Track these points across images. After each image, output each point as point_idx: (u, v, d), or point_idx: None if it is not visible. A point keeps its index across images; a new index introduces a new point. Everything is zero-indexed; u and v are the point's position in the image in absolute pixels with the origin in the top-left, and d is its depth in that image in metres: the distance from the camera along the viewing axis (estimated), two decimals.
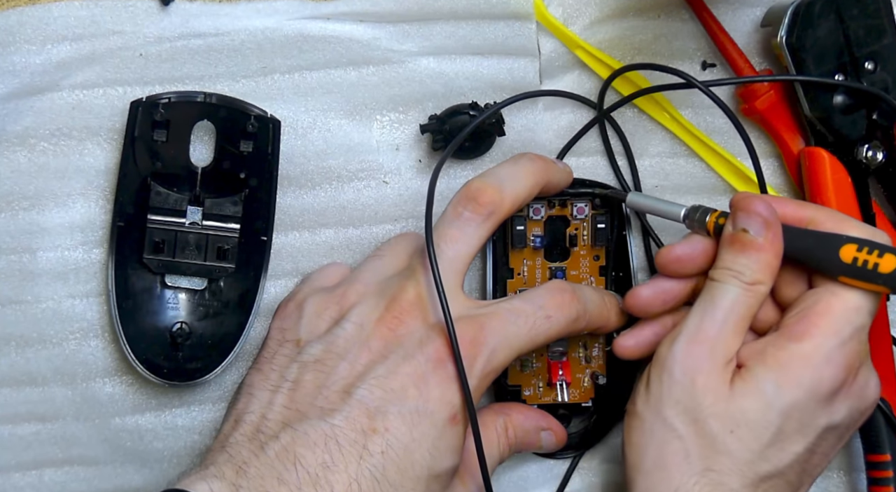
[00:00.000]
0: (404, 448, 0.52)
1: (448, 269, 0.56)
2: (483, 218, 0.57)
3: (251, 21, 0.64)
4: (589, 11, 0.67)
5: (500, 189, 0.57)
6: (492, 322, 0.55)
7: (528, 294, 0.58)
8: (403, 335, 0.55)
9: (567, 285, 0.59)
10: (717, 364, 0.54)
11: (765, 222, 0.55)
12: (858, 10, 0.63)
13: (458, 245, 0.57)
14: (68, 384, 0.64)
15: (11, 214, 0.64)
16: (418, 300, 0.56)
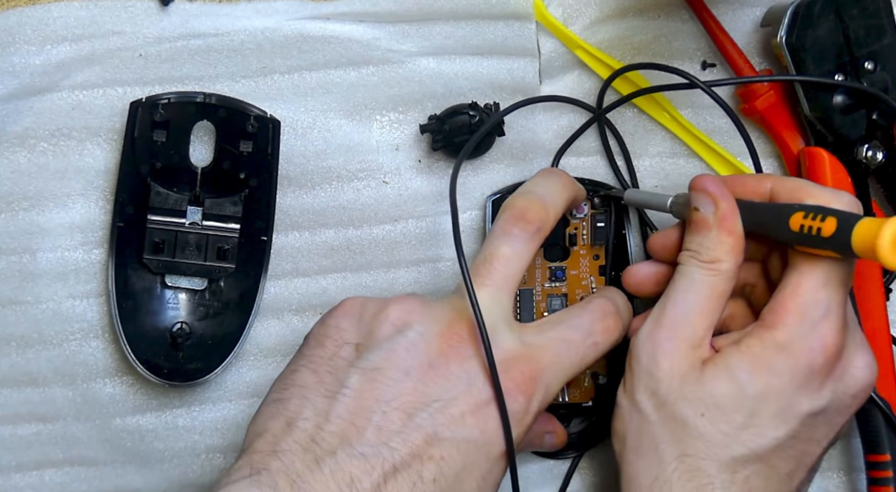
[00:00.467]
0: (455, 477, 0.51)
1: (502, 288, 0.55)
2: (532, 234, 0.57)
3: (251, 21, 0.64)
4: (589, 11, 0.67)
5: (545, 205, 0.57)
6: (546, 357, 0.55)
7: (575, 319, 0.57)
8: (466, 357, 0.53)
9: (610, 306, 0.58)
10: (681, 346, 0.54)
11: (712, 199, 0.55)
12: (858, 10, 0.63)
13: (512, 263, 0.56)
14: (69, 385, 0.64)
15: (11, 214, 0.64)
16: (490, 324, 0.54)
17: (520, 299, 0.66)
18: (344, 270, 0.66)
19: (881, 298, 0.64)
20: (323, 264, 0.66)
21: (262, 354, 0.66)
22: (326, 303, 0.66)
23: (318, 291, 0.66)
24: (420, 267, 0.66)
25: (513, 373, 0.53)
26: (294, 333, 0.66)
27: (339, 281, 0.66)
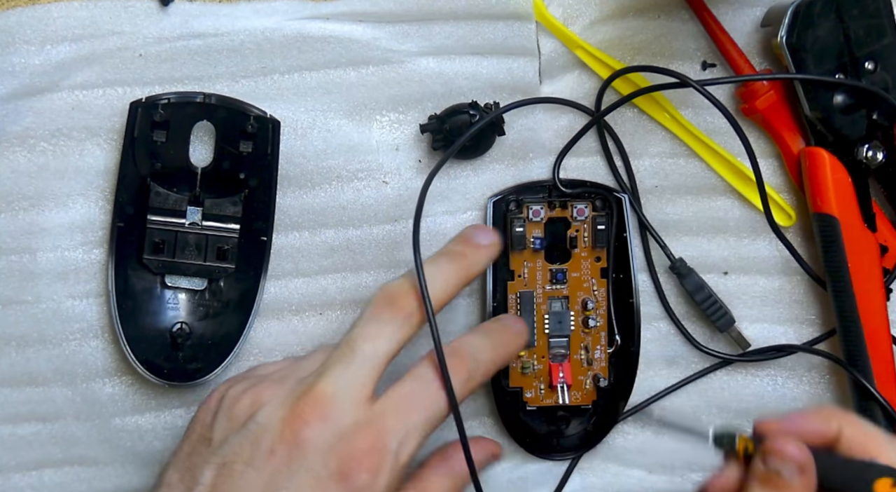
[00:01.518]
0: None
1: (363, 366, 0.53)
2: (402, 320, 0.55)
3: (251, 21, 0.64)
4: (589, 11, 0.67)
5: (419, 301, 0.56)
6: (387, 422, 0.52)
7: (415, 372, 0.55)
8: (307, 441, 0.52)
9: (447, 349, 0.55)
10: None
11: (799, 467, 0.52)
12: (858, 10, 0.63)
13: (377, 342, 0.54)
14: (68, 384, 0.64)
15: (11, 214, 0.64)
16: (328, 399, 0.52)
17: (520, 301, 0.66)
18: (344, 270, 0.66)
19: (881, 298, 0.64)
20: (323, 264, 0.66)
21: (262, 355, 0.66)
22: (326, 303, 0.66)
23: (318, 291, 0.66)
24: None
25: (353, 446, 0.51)
26: (294, 333, 0.66)
27: (339, 281, 0.66)
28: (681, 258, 0.67)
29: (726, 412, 0.68)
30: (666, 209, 0.67)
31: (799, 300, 0.68)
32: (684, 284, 0.67)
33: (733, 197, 0.67)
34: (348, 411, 0.52)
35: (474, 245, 0.59)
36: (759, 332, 0.68)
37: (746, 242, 0.68)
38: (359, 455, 0.51)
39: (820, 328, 0.68)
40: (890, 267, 0.65)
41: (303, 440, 0.51)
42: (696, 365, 0.68)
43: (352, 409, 0.52)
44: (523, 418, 0.67)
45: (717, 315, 0.67)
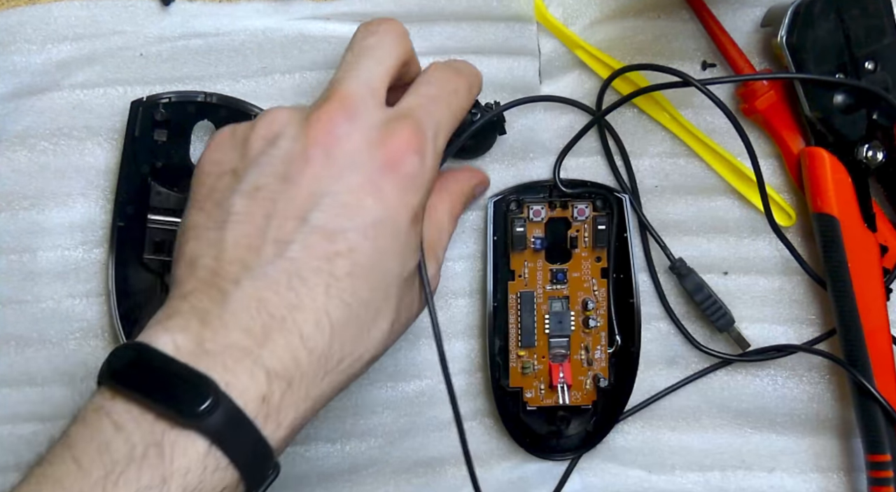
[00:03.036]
0: (371, 265, 0.49)
1: (375, 69, 0.53)
2: (399, 36, 0.56)
3: (251, 21, 0.64)
4: (589, 11, 0.67)
5: (402, 29, 0.57)
6: (418, 113, 0.52)
7: (427, 80, 0.56)
8: (342, 139, 0.50)
9: (443, 64, 0.57)
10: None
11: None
12: (858, 10, 0.63)
13: (379, 52, 0.54)
14: (68, 384, 0.64)
15: (11, 213, 0.64)
16: (350, 99, 0.51)
17: (521, 301, 0.66)
18: None
19: (881, 298, 0.64)
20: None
21: None
22: None
23: None
24: None
25: (394, 135, 0.51)
26: None
27: None
28: (681, 258, 0.67)
29: (726, 412, 0.68)
30: (666, 209, 0.67)
31: (799, 300, 0.68)
32: (684, 284, 0.67)
33: (733, 197, 0.67)
34: (374, 109, 0.51)
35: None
36: (759, 332, 0.68)
37: (746, 242, 0.68)
38: (402, 142, 0.50)
39: (820, 328, 0.68)
40: (890, 267, 0.65)
41: (337, 139, 0.50)
42: (696, 365, 0.68)
43: (377, 107, 0.52)
44: (523, 418, 0.67)
45: (716, 315, 0.67)
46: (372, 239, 0.49)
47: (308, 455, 0.66)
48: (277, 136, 0.51)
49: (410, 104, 0.53)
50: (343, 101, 0.51)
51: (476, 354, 0.68)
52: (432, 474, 0.67)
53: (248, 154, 0.51)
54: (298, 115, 0.51)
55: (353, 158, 0.50)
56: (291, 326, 0.47)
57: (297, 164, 0.49)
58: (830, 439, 0.68)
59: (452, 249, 0.67)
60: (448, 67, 0.57)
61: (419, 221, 0.52)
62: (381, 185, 0.50)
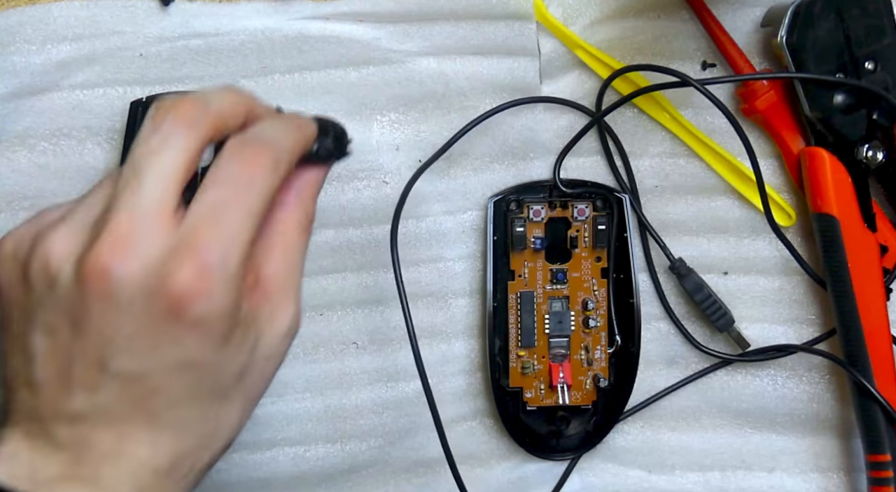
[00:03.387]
0: (189, 392, 0.46)
1: (156, 185, 0.44)
2: (187, 127, 0.45)
3: (251, 21, 0.64)
4: (589, 11, 0.67)
5: (202, 102, 0.46)
6: (203, 237, 0.44)
7: (214, 179, 0.46)
8: (118, 287, 0.44)
9: (247, 142, 0.47)
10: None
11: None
12: (858, 10, 0.63)
13: (165, 157, 0.45)
14: None
15: (11, 213, 0.63)
16: (126, 233, 0.44)
17: (521, 301, 0.66)
18: (344, 270, 0.66)
19: (881, 298, 0.64)
20: (323, 264, 0.66)
21: None
22: (326, 303, 0.66)
23: (318, 291, 0.66)
24: (420, 267, 0.66)
25: (174, 281, 0.43)
26: None
27: (339, 281, 0.66)
28: (680, 258, 0.67)
29: (726, 412, 0.68)
30: (666, 209, 0.67)
31: (799, 300, 0.68)
32: (684, 284, 0.67)
33: (733, 197, 0.67)
34: (154, 239, 0.43)
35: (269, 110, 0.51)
36: (759, 332, 0.68)
37: (746, 242, 0.68)
38: (181, 287, 0.43)
39: (820, 328, 0.68)
40: (890, 267, 0.65)
41: (114, 287, 0.43)
42: (696, 365, 0.68)
43: (157, 236, 0.43)
44: (523, 418, 0.67)
45: (716, 315, 0.67)
46: (180, 374, 0.45)
47: (308, 455, 0.66)
48: (55, 279, 0.45)
49: (194, 222, 0.44)
50: (116, 240, 0.43)
51: (476, 354, 0.68)
52: (432, 474, 0.67)
53: (33, 290, 0.46)
54: (74, 251, 0.45)
55: (135, 306, 0.44)
56: (126, 458, 0.45)
57: (80, 312, 0.44)
58: (830, 439, 0.68)
59: (452, 249, 0.67)
60: (241, 149, 0.46)
61: (230, 341, 0.45)
62: (172, 330, 0.44)
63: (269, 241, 0.48)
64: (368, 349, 0.67)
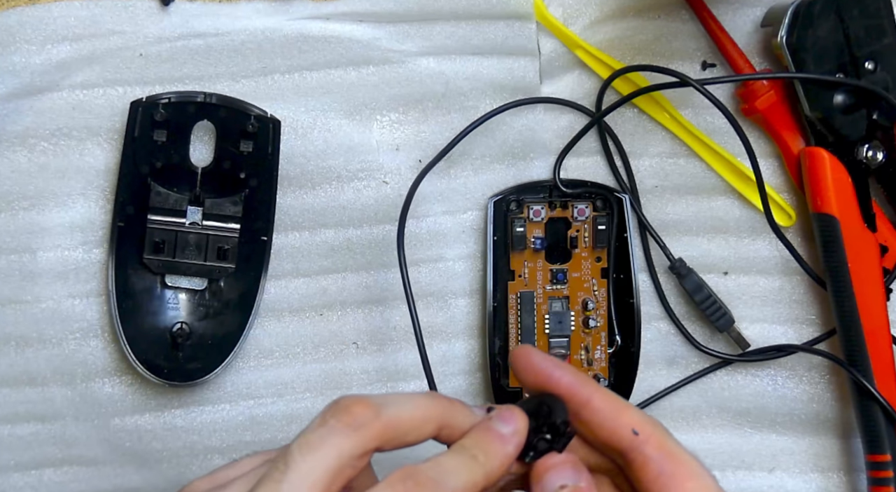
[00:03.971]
0: None
1: (300, 483, 0.43)
2: (350, 429, 0.43)
3: (251, 21, 0.64)
4: (589, 11, 0.67)
5: (377, 407, 0.44)
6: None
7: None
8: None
9: (411, 471, 0.44)
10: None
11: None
12: (858, 10, 0.63)
13: (318, 455, 0.43)
14: (68, 384, 0.64)
15: (11, 214, 0.64)
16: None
17: (521, 301, 0.66)
18: (344, 270, 0.66)
19: (881, 298, 0.64)
20: (323, 264, 0.66)
21: (261, 355, 0.66)
22: (326, 303, 0.66)
23: (317, 291, 0.66)
24: (420, 267, 0.66)
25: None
26: (294, 333, 0.66)
27: (339, 281, 0.66)
28: (680, 258, 0.67)
29: (726, 412, 0.68)
30: (666, 209, 0.67)
31: (799, 300, 0.68)
32: (684, 284, 0.67)
33: (733, 197, 0.67)
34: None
35: (463, 406, 0.47)
36: (759, 332, 0.68)
37: (746, 242, 0.68)
38: None
39: (820, 328, 0.68)
40: (890, 267, 0.65)
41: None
42: (696, 365, 0.68)
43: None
44: None
45: (716, 315, 0.67)
46: None
47: None
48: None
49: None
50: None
51: (476, 354, 0.68)
52: None
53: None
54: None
55: None
56: None
57: None
58: (830, 439, 0.68)
59: (452, 249, 0.67)
60: (399, 482, 0.43)
61: None
62: None
63: None
64: (368, 349, 0.67)
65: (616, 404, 0.46)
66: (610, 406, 0.45)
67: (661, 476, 0.44)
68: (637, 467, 0.45)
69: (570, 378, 0.46)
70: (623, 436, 0.45)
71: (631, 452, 0.45)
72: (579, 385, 0.46)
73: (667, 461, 0.44)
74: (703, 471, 0.44)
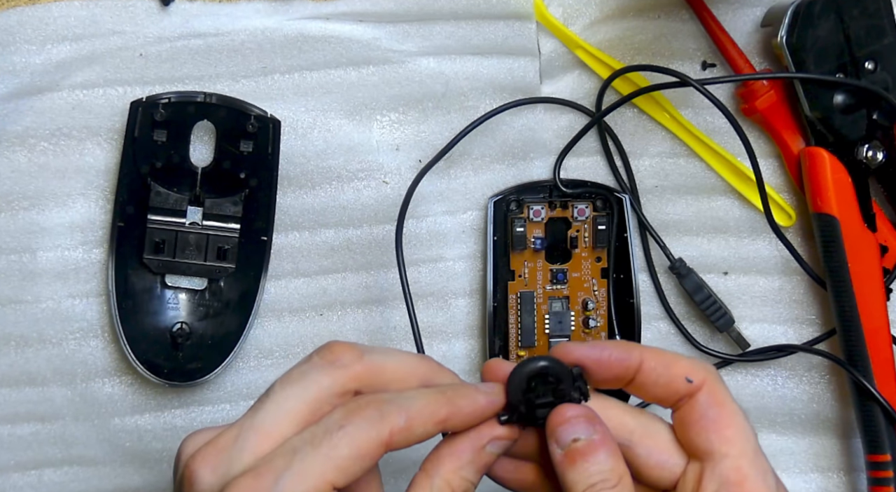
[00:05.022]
0: None
1: (272, 411, 0.45)
2: (333, 367, 0.45)
3: (251, 21, 0.64)
4: (589, 11, 0.67)
5: (361, 351, 0.46)
6: (273, 464, 0.44)
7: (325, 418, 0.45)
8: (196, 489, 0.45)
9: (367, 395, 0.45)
10: None
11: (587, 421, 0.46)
12: (858, 10, 0.63)
13: (297, 387, 0.45)
14: (68, 384, 0.64)
15: (11, 214, 0.64)
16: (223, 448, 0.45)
17: (521, 301, 0.66)
18: (344, 270, 0.66)
19: (881, 298, 0.64)
20: (323, 264, 0.66)
21: (261, 355, 0.66)
22: (326, 303, 0.66)
23: (317, 291, 0.66)
24: (420, 267, 0.66)
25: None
26: (294, 333, 0.66)
27: (339, 281, 0.66)
28: (680, 258, 0.67)
29: None
30: (666, 209, 0.67)
31: (799, 300, 0.68)
32: (684, 284, 0.67)
33: (733, 197, 0.68)
34: (243, 455, 0.44)
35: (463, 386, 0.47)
36: (759, 332, 0.68)
37: (746, 242, 0.68)
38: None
39: (820, 328, 0.68)
40: (890, 267, 0.65)
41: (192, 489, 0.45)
42: None
43: (247, 454, 0.44)
44: None
45: (716, 315, 0.67)
46: None
47: None
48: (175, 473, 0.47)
49: (278, 449, 0.44)
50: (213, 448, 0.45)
51: (476, 355, 0.68)
52: None
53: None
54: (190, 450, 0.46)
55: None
56: None
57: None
58: (830, 439, 0.68)
59: (452, 249, 0.67)
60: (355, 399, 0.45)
61: None
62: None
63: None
64: None
65: (665, 359, 0.47)
66: (661, 362, 0.47)
67: (702, 419, 0.46)
68: (685, 411, 0.46)
69: (617, 352, 0.47)
70: (679, 387, 0.46)
71: (685, 398, 0.46)
72: (627, 353, 0.47)
73: (712, 407, 0.46)
74: (745, 423, 0.46)
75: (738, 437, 0.46)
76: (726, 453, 0.45)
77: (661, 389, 0.47)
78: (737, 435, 0.46)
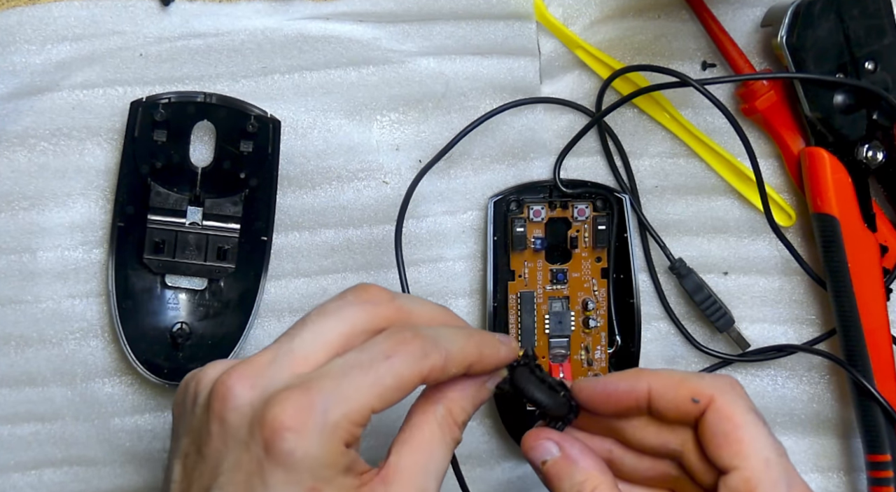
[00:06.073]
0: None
1: (307, 339, 0.47)
2: (367, 304, 0.48)
3: (251, 21, 0.64)
4: (589, 11, 0.67)
5: (392, 294, 0.49)
6: (321, 383, 0.45)
7: (364, 344, 0.47)
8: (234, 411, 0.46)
9: (409, 328, 0.48)
10: None
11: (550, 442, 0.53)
12: (858, 10, 0.63)
13: (332, 319, 0.47)
14: (68, 384, 0.64)
15: (11, 214, 0.64)
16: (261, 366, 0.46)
17: (521, 301, 0.66)
18: (344, 270, 0.66)
19: (881, 298, 0.64)
20: (323, 264, 0.66)
21: None
22: None
23: (318, 291, 0.66)
24: (420, 267, 0.66)
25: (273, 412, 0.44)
26: None
27: (339, 281, 0.66)
28: (680, 258, 0.67)
29: None
30: (666, 209, 0.67)
31: (799, 300, 0.68)
32: (684, 284, 0.67)
33: (733, 197, 0.68)
34: (280, 375, 0.46)
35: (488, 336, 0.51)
36: (759, 332, 0.68)
37: (746, 242, 0.68)
38: (277, 418, 0.44)
39: (820, 328, 0.68)
40: (890, 267, 0.65)
41: (229, 411, 0.46)
42: (696, 365, 0.68)
43: (284, 374, 0.46)
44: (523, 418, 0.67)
45: (716, 315, 0.67)
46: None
47: None
48: (195, 400, 0.48)
49: (322, 371, 0.46)
50: (247, 368, 0.46)
51: None
52: None
53: (182, 416, 0.49)
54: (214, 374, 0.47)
55: (241, 433, 0.45)
56: None
57: (203, 434, 0.47)
58: (830, 439, 0.68)
59: (452, 249, 0.67)
60: (398, 329, 0.47)
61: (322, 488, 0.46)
62: (264, 466, 0.45)
63: (407, 433, 0.48)
64: None
65: (672, 381, 0.49)
66: (668, 385, 0.49)
67: (715, 436, 0.47)
68: (700, 429, 0.48)
69: (623, 383, 0.49)
70: (689, 408, 0.48)
71: (699, 417, 0.48)
72: (634, 382, 0.49)
73: (720, 423, 0.47)
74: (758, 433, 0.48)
75: (748, 449, 0.47)
76: (737, 466, 0.46)
77: (672, 412, 0.48)
78: (747, 447, 0.47)
